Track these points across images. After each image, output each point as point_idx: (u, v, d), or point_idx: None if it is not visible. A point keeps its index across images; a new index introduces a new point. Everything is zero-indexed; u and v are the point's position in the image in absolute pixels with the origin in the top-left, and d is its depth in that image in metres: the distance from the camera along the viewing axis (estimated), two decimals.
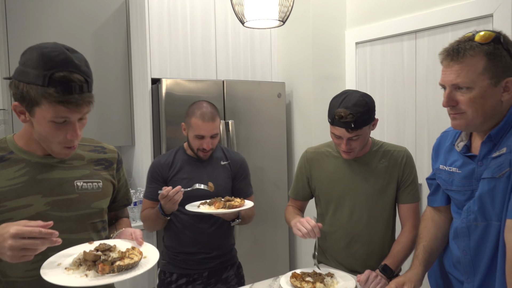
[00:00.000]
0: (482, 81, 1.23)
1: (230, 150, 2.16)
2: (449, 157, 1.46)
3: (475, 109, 1.25)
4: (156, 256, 1.27)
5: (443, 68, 1.30)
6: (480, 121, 1.27)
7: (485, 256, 1.34)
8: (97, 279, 1.13)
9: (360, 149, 1.78)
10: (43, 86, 1.13)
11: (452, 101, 1.29)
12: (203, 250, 2.02)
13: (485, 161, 1.32)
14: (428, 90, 2.73)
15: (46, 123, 1.18)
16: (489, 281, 1.35)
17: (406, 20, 2.80)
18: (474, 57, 1.23)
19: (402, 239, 1.77)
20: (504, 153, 1.24)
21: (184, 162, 2.05)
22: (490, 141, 1.30)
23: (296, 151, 3.34)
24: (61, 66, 1.14)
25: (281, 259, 3.27)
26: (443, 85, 1.32)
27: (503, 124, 1.27)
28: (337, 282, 1.63)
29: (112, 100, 3.09)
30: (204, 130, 1.95)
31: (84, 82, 1.18)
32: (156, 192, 1.98)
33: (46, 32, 2.83)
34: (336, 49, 3.22)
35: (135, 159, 3.14)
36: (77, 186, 1.32)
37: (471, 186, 1.36)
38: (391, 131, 2.97)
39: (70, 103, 1.15)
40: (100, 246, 1.23)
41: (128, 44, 3.14)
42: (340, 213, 1.87)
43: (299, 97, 3.28)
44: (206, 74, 3.06)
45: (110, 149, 1.49)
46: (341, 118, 1.68)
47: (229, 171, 2.10)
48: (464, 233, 1.39)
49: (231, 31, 3.16)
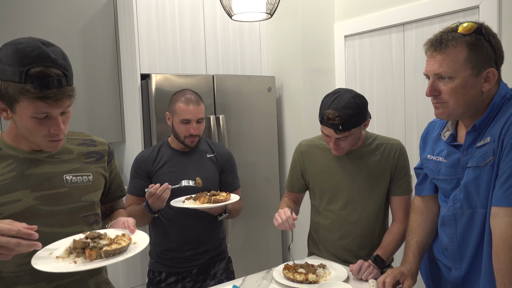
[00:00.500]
0: (463, 71, 1.26)
1: (215, 144, 2.14)
2: (436, 147, 1.49)
3: (456, 99, 1.28)
4: (145, 241, 1.28)
5: (427, 59, 1.33)
6: (462, 111, 1.31)
7: (471, 243, 1.37)
8: (85, 264, 1.14)
9: (350, 146, 1.79)
10: (20, 83, 1.12)
11: (435, 91, 1.31)
12: (191, 246, 2.00)
13: (470, 150, 1.35)
14: (417, 81, 2.75)
15: (28, 119, 1.17)
16: (475, 267, 1.38)
17: (394, 12, 2.82)
18: (456, 48, 1.26)
19: (394, 230, 1.79)
20: (488, 143, 1.27)
21: (169, 155, 2.02)
22: (475, 130, 1.33)
23: (287, 145, 3.35)
24: (37, 62, 1.13)
25: (273, 253, 3.29)
26: (427, 75, 1.34)
27: (487, 114, 1.31)
28: (329, 273, 1.65)
29: (101, 96, 3.07)
30: (190, 114, 1.92)
31: (62, 76, 1.16)
32: (140, 187, 1.96)
33: (33, 28, 2.80)
34: (325, 42, 3.23)
35: (125, 155, 3.13)
36: (66, 180, 1.32)
37: (457, 175, 1.39)
38: (381, 123, 2.99)
39: (49, 98, 1.14)
40: (90, 234, 1.24)
41: (116, 40, 3.11)
42: (333, 206, 1.88)
43: (289, 91, 3.28)
44: (196, 69, 3.05)
45: (100, 141, 1.49)
46: (329, 119, 1.68)
47: (216, 164, 2.07)
48: (451, 221, 1.42)
49: (220, 25, 3.15)
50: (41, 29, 2.82)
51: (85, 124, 2.98)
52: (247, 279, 1.71)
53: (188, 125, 1.94)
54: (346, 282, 1.56)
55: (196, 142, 2.00)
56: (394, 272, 1.47)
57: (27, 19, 2.80)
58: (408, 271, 1.48)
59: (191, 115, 1.92)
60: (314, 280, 1.57)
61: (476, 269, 1.39)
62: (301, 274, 1.61)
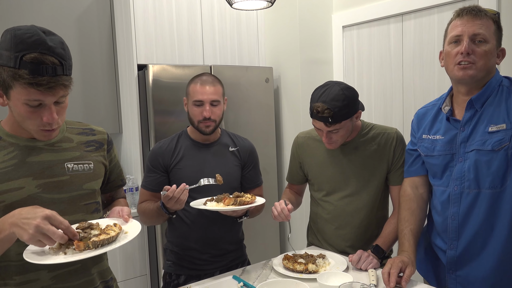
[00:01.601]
0: (493, 40, 1.44)
1: (238, 136, 2.00)
2: (433, 126, 1.61)
3: (484, 62, 1.43)
4: (136, 230, 1.27)
5: (461, 22, 1.45)
6: (482, 75, 1.45)
7: (472, 223, 1.47)
8: (73, 256, 1.14)
9: (343, 140, 1.79)
10: (15, 68, 1.11)
11: (470, 50, 1.43)
12: (212, 248, 1.87)
13: (467, 126, 1.49)
14: (415, 72, 2.75)
15: (21, 106, 1.16)
16: (472, 248, 1.48)
17: (393, 2, 2.80)
18: (488, 20, 1.44)
19: (394, 220, 1.79)
20: (504, 129, 1.41)
21: (188, 147, 1.88)
22: (472, 107, 1.48)
23: (285, 136, 3.35)
24: (32, 48, 1.12)
25: (272, 244, 3.30)
26: (458, 36, 1.45)
27: (483, 90, 1.46)
28: (329, 263, 1.66)
29: (98, 87, 3.04)
30: (202, 94, 1.79)
31: (58, 64, 1.15)
32: (156, 182, 1.85)
33: (29, 18, 2.76)
34: (323, 33, 3.21)
35: (122, 146, 3.12)
36: (67, 168, 1.31)
37: (451, 150, 1.52)
38: (379, 114, 2.99)
39: (41, 85, 1.12)
40: (81, 225, 1.24)
41: (112, 30, 3.08)
42: (330, 196, 1.88)
43: (287, 82, 3.27)
44: (193, 60, 3.03)
45: (99, 130, 1.48)
46: (318, 112, 1.68)
47: (238, 158, 1.93)
48: (456, 199, 1.50)
49: (217, 15, 3.13)
50: (37, 19, 2.78)
51: (81, 115, 2.96)
52: (246, 269, 1.71)
53: (201, 108, 1.80)
54: (345, 272, 1.57)
55: (212, 128, 1.84)
56: (396, 261, 1.48)
57: (22, 9, 2.76)
58: (408, 259, 1.51)
59: (204, 96, 1.79)
60: (314, 270, 1.58)
61: (473, 250, 1.48)
62: (301, 264, 1.61)
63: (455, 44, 1.46)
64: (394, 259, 1.51)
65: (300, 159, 1.97)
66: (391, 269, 1.47)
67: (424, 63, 2.69)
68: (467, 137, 1.49)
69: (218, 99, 1.84)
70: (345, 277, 1.46)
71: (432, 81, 2.66)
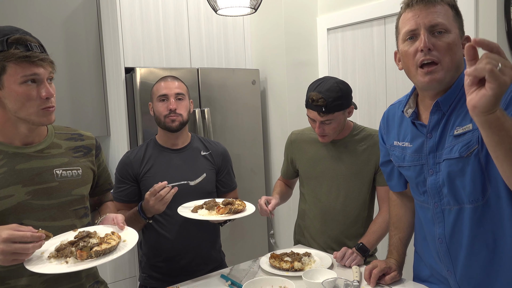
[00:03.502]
0: (454, 28, 1.20)
1: (209, 140, 1.99)
2: (400, 131, 1.40)
3: (450, 58, 1.18)
4: (134, 239, 1.31)
5: (413, 14, 1.20)
6: (451, 74, 1.21)
7: (463, 244, 1.27)
8: (76, 265, 1.16)
9: (335, 134, 1.85)
10: (4, 51, 1.17)
11: (431, 44, 1.17)
12: (191, 255, 1.84)
13: (434, 133, 1.27)
14: (397, 73, 2.81)
15: (18, 88, 1.19)
16: (472, 272, 1.28)
17: (375, 6, 2.86)
18: (444, 6, 1.20)
19: (379, 219, 1.84)
20: (470, 130, 1.17)
21: (158, 155, 1.84)
22: (439, 110, 1.25)
23: (272, 137, 3.39)
24: (13, 32, 1.21)
25: (259, 243, 3.34)
26: (413, 31, 1.21)
27: (451, 90, 1.23)
28: (314, 261, 1.70)
29: (85, 90, 3.04)
30: (166, 89, 1.80)
31: (40, 45, 1.24)
32: (126, 193, 1.82)
33: (15, 21, 2.75)
34: (308, 35, 3.27)
35: (111, 149, 3.13)
36: (56, 175, 1.33)
37: (420, 161, 1.31)
38: (363, 114, 3.05)
39: (33, 57, 1.19)
40: (79, 234, 1.26)
41: (99, 33, 3.09)
42: (318, 192, 1.95)
43: (274, 84, 3.32)
44: (180, 62, 3.05)
45: (88, 135, 1.50)
46: (313, 101, 1.77)
47: (212, 163, 1.92)
48: (439, 218, 1.31)
49: (204, 18, 3.16)
50: (23, 22, 2.77)
51: (69, 118, 2.96)
52: (234, 268, 1.75)
53: (166, 102, 1.79)
54: (330, 269, 1.61)
55: (178, 123, 1.80)
56: (381, 265, 1.51)
57: (8, 12, 2.76)
58: (395, 266, 1.53)
59: (168, 90, 1.80)
60: (300, 267, 1.62)
61: (472, 274, 1.28)
62: (287, 262, 1.65)
63: (411, 40, 1.21)
64: (381, 262, 1.54)
65: (292, 155, 2.05)
66: (375, 270, 1.49)
67: None
68: (436, 145, 1.27)
69: (183, 93, 1.84)
70: (330, 274, 1.50)
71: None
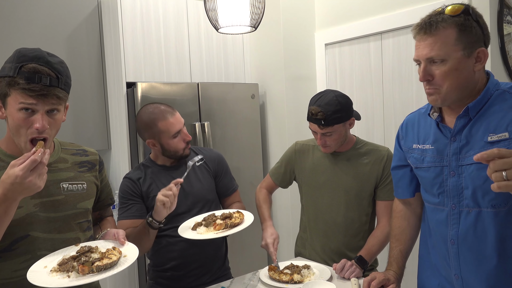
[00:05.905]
0: (455, 53, 1.24)
1: (201, 148, 2.03)
2: (421, 134, 1.45)
3: (450, 83, 1.26)
4: (135, 254, 1.33)
5: (417, 43, 1.29)
6: (455, 95, 1.28)
7: (474, 247, 1.30)
8: (78, 279, 1.19)
9: (337, 145, 1.89)
10: (13, 77, 1.20)
11: (428, 75, 1.28)
12: (196, 264, 1.86)
13: (458, 136, 1.32)
14: (394, 88, 2.86)
15: (16, 113, 1.22)
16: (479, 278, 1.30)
17: (372, 22, 2.93)
18: (446, 29, 1.24)
19: (377, 233, 1.86)
20: (506, 139, 1.21)
21: (157, 173, 1.87)
22: (466, 115, 1.30)
23: (271, 150, 3.43)
24: (32, 60, 1.21)
25: (259, 256, 3.35)
26: (417, 60, 1.30)
27: (481, 97, 1.28)
28: (313, 273, 1.72)
29: (87, 104, 3.09)
30: (178, 124, 1.82)
31: (54, 77, 1.23)
32: (136, 208, 1.80)
33: (18, 37, 2.81)
34: (307, 50, 3.33)
35: (111, 162, 3.16)
36: (63, 188, 1.36)
37: (441, 162, 1.35)
38: (361, 128, 3.09)
39: (33, 91, 1.19)
40: (81, 249, 1.29)
41: (101, 49, 3.15)
42: (319, 203, 1.97)
43: (272, 98, 3.36)
44: (181, 77, 3.10)
45: (91, 151, 1.54)
46: (313, 115, 1.82)
47: (208, 170, 1.96)
48: (455, 220, 1.33)
49: (204, 34, 3.22)
50: (27, 38, 2.83)
51: (70, 132, 3.00)
52: (234, 280, 1.77)
53: (180, 136, 1.83)
54: (329, 281, 1.63)
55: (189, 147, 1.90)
56: (380, 277, 1.52)
57: (12, 28, 2.81)
58: (394, 278, 1.54)
59: (179, 124, 1.83)
60: (299, 280, 1.64)
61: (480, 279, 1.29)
62: (287, 275, 1.67)
63: (419, 67, 1.31)
64: (380, 273, 1.55)
65: (294, 164, 2.07)
66: (373, 282, 1.50)
67: (403, 79, 2.81)
68: (460, 148, 1.31)
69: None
70: (329, 286, 1.52)
71: (410, 96, 2.77)
